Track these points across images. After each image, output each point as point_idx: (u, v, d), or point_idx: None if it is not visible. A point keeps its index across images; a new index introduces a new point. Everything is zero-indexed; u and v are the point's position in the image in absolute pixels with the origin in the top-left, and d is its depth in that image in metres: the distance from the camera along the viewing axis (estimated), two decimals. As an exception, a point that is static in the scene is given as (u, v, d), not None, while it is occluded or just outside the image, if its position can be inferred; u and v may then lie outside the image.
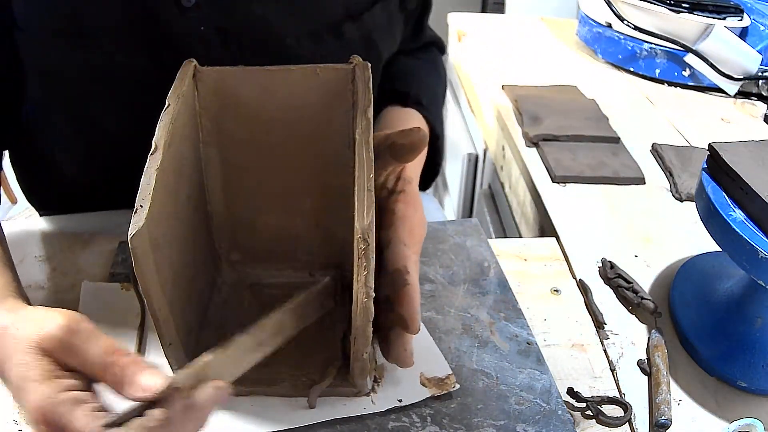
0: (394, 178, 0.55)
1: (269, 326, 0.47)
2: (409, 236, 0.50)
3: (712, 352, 0.58)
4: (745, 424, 0.51)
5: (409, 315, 0.46)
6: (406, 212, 0.51)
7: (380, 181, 0.54)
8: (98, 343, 0.40)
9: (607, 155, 0.89)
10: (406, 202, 0.52)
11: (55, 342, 0.40)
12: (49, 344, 0.40)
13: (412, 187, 0.54)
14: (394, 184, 0.54)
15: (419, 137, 0.50)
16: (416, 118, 0.71)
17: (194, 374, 0.40)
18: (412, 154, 0.51)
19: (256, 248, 0.59)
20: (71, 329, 0.40)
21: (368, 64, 0.53)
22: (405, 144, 0.50)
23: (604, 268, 0.68)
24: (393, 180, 0.55)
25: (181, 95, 0.49)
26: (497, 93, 1.08)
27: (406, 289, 0.46)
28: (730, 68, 1.11)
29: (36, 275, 0.62)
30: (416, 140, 0.50)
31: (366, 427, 0.49)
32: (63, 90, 0.61)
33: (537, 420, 0.50)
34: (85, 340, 0.40)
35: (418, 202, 0.54)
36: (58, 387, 0.38)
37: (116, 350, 0.40)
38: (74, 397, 0.38)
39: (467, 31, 1.36)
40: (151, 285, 0.42)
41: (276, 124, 0.54)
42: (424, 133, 0.50)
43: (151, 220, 0.41)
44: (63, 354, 0.40)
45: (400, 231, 0.50)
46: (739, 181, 0.54)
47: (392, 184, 0.54)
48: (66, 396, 0.38)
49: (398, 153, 0.51)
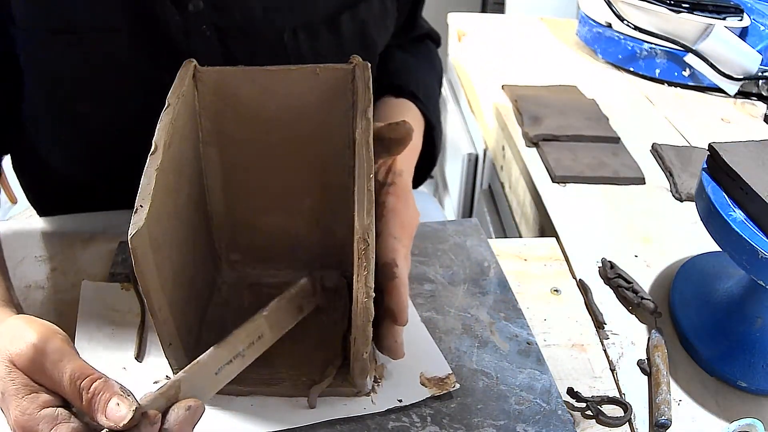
0: (385, 170, 0.55)
1: (244, 336, 0.46)
2: (399, 229, 0.50)
3: (712, 352, 0.58)
4: (745, 424, 0.51)
5: (398, 308, 0.47)
6: (397, 204, 0.52)
7: None
8: (67, 366, 0.39)
9: (607, 155, 0.89)
10: (396, 194, 0.53)
11: (24, 360, 0.40)
12: (19, 361, 0.40)
13: (403, 180, 0.55)
14: (385, 176, 0.55)
15: (405, 130, 0.51)
16: (411, 109, 0.71)
17: (165, 396, 0.40)
18: (399, 147, 0.52)
19: (256, 248, 0.59)
20: (39, 349, 0.40)
21: (368, 64, 0.53)
22: (392, 138, 0.51)
23: (604, 268, 0.68)
24: (384, 172, 0.55)
25: (181, 95, 0.49)
26: (497, 93, 1.08)
27: (395, 282, 0.47)
28: (730, 68, 1.11)
29: (36, 275, 0.62)
30: (403, 133, 0.51)
31: (366, 427, 0.49)
32: (61, 89, 0.61)
33: (537, 420, 0.50)
34: (54, 362, 0.40)
35: (408, 195, 0.54)
36: (34, 402, 0.38)
37: (84, 375, 0.39)
38: (52, 415, 0.38)
39: (467, 31, 1.36)
40: (151, 285, 0.42)
41: (276, 124, 0.54)
42: (410, 126, 0.51)
43: (151, 220, 0.41)
44: (33, 373, 0.40)
45: (391, 224, 0.50)
46: (739, 181, 0.54)
47: (383, 176, 0.55)
48: (44, 413, 0.38)
49: (386, 146, 0.52)
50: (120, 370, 0.52)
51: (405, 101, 0.72)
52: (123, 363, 0.52)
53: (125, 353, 0.53)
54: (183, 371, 0.42)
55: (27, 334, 0.41)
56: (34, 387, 0.39)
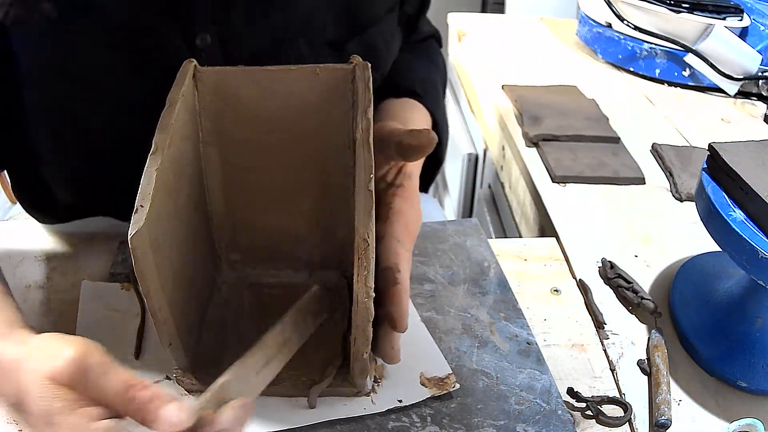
0: (395, 171, 0.55)
1: (273, 341, 0.46)
2: (403, 232, 0.50)
3: (712, 352, 0.58)
4: (745, 424, 0.51)
5: (398, 314, 0.46)
6: (403, 207, 0.51)
7: (380, 174, 0.54)
8: (114, 378, 0.39)
9: (607, 155, 0.89)
10: (403, 196, 0.52)
11: (67, 376, 0.38)
12: (62, 378, 0.38)
13: (412, 182, 0.54)
14: (394, 177, 0.54)
15: (428, 139, 0.50)
16: (416, 108, 0.70)
17: (215, 398, 0.40)
18: (418, 155, 0.51)
19: (256, 248, 0.59)
20: (82, 365, 0.39)
21: (368, 64, 0.53)
22: (413, 144, 0.50)
23: (604, 268, 0.68)
24: (393, 173, 0.55)
25: (181, 95, 0.49)
26: (497, 93, 1.08)
27: (396, 288, 0.46)
28: (730, 68, 1.11)
29: (36, 275, 0.62)
30: (425, 142, 0.50)
31: (366, 427, 0.49)
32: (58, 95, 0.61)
33: (537, 420, 0.50)
34: (99, 375, 0.39)
35: (415, 198, 0.53)
36: (86, 416, 0.37)
37: (133, 385, 0.39)
38: (107, 426, 0.37)
39: (467, 31, 1.36)
40: (151, 285, 0.42)
41: (276, 124, 0.54)
42: (434, 136, 0.50)
43: (151, 220, 0.41)
44: (78, 388, 0.39)
45: (395, 226, 0.49)
46: (739, 181, 0.54)
47: (392, 177, 0.54)
48: (98, 425, 0.37)
49: (405, 152, 0.51)
50: (120, 370, 0.52)
51: (408, 100, 0.70)
52: (123, 363, 0.52)
53: (125, 353, 0.53)
54: (225, 375, 0.41)
55: (66, 350, 0.39)
56: (82, 402, 0.38)
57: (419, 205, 0.54)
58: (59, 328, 0.55)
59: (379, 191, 0.53)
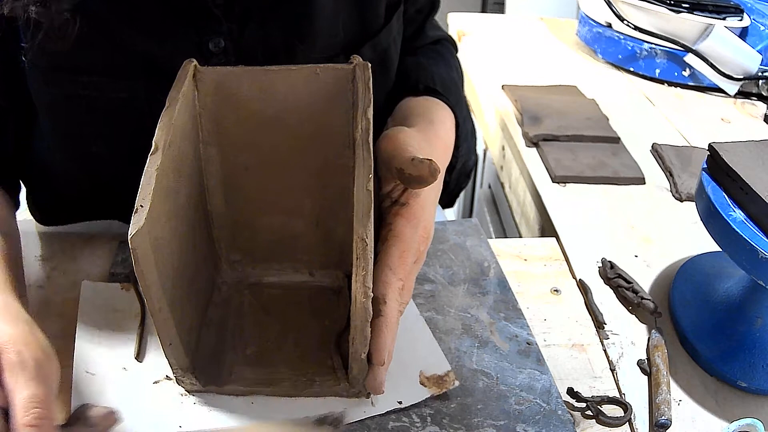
0: (401, 188, 0.52)
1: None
2: (397, 260, 0.47)
3: (712, 352, 0.58)
4: (745, 424, 0.51)
5: (375, 348, 0.45)
6: (404, 229, 0.48)
7: (386, 190, 0.52)
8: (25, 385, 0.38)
9: (607, 155, 0.89)
10: (406, 216, 0.49)
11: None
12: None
13: (418, 201, 0.51)
14: (399, 194, 0.51)
15: (429, 171, 0.47)
16: (439, 107, 0.66)
17: None
18: (419, 186, 0.48)
19: (256, 248, 0.59)
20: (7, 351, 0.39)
21: (368, 64, 0.53)
22: (413, 175, 0.47)
23: (604, 268, 0.68)
24: (399, 191, 0.52)
25: (181, 95, 0.49)
26: (497, 93, 1.08)
27: (378, 321, 0.45)
28: (730, 68, 1.11)
29: (36, 275, 0.62)
30: (426, 174, 0.47)
31: (366, 427, 0.49)
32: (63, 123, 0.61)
33: (537, 420, 0.50)
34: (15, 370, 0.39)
35: (419, 218, 0.50)
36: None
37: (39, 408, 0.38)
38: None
39: (467, 31, 1.36)
40: (151, 285, 0.42)
41: (276, 124, 0.54)
42: (435, 167, 0.47)
43: (151, 220, 0.41)
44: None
45: (390, 252, 0.47)
46: (739, 181, 0.54)
47: (397, 194, 0.51)
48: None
49: (405, 181, 0.48)
50: (120, 370, 0.52)
51: (429, 98, 0.67)
52: (123, 363, 0.52)
53: (125, 353, 0.53)
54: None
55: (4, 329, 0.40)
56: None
57: (426, 225, 0.51)
58: (59, 328, 0.55)
59: (383, 209, 0.51)
